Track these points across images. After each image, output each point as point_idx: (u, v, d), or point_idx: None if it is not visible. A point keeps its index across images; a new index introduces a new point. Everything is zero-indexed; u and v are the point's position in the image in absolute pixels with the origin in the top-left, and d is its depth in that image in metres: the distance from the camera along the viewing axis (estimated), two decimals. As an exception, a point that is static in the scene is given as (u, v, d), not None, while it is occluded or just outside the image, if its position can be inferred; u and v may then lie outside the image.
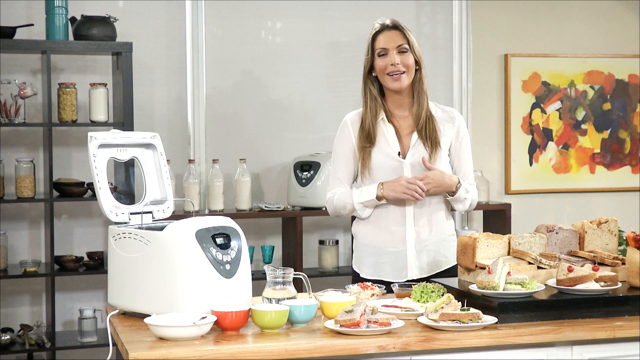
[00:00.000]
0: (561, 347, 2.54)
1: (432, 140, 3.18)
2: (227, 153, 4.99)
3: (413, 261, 3.20)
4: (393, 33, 3.18)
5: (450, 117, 3.26)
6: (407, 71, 3.16)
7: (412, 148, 3.19)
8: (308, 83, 5.17)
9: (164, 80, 4.94)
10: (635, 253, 2.78)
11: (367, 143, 3.19)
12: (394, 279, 3.17)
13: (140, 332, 2.47)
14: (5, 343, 4.45)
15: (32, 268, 4.51)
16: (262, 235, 5.09)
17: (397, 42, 3.16)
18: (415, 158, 3.17)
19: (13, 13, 4.66)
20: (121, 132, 2.86)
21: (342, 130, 3.28)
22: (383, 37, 3.19)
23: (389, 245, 3.22)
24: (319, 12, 5.16)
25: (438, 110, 3.26)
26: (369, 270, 3.26)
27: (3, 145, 4.65)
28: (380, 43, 3.18)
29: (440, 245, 3.23)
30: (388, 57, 3.16)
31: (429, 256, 3.21)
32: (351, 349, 2.38)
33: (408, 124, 3.23)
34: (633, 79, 5.71)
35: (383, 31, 3.20)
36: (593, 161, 5.67)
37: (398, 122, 3.23)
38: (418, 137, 3.19)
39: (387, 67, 3.15)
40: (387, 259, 3.22)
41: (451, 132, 3.24)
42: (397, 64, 3.14)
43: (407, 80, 3.17)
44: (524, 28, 5.54)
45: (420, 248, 3.20)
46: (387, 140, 3.19)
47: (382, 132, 3.20)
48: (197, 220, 2.60)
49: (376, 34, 3.21)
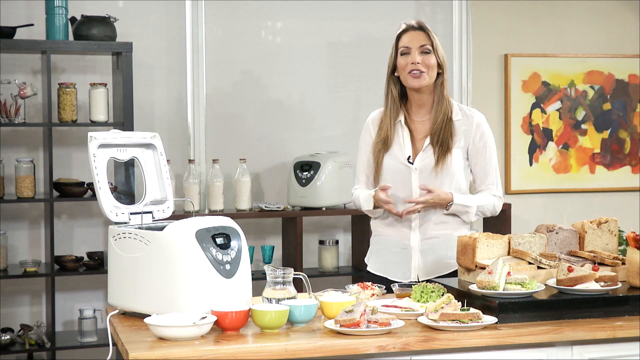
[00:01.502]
0: (561, 347, 2.54)
1: (442, 146, 3.17)
2: (227, 153, 4.99)
3: (417, 262, 3.21)
4: (417, 33, 3.21)
5: (469, 121, 3.24)
6: (428, 71, 3.18)
7: (422, 153, 3.20)
8: (308, 83, 5.17)
9: (164, 80, 4.94)
10: (635, 253, 2.78)
11: (381, 146, 3.22)
12: (397, 278, 3.19)
13: (140, 332, 2.47)
14: (5, 343, 4.45)
15: (32, 268, 4.51)
16: (262, 235, 5.09)
17: (421, 42, 3.19)
18: (424, 164, 3.19)
19: (13, 13, 4.66)
20: (121, 132, 2.86)
21: (364, 130, 3.34)
22: (407, 36, 3.21)
23: (395, 245, 3.24)
24: (319, 12, 5.16)
25: (459, 114, 3.25)
26: (375, 264, 3.31)
27: (3, 145, 4.65)
28: (404, 42, 3.21)
29: (448, 246, 3.20)
30: (410, 55, 3.18)
31: (435, 257, 3.21)
32: (351, 349, 2.38)
33: (424, 128, 3.24)
34: (633, 79, 5.71)
35: (408, 31, 3.23)
36: (593, 161, 5.67)
37: (415, 126, 3.25)
38: (429, 142, 3.20)
39: (407, 65, 3.18)
40: (393, 258, 3.25)
41: (468, 136, 3.23)
42: (418, 63, 3.16)
43: (428, 79, 3.19)
44: (524, 28, 5.54)
45: (425, 249, 3.21)
46: (401, 143, 3.22)
47: (398, 134, 3.23)
48: (197, 220, 2.60)
49: (401, 34, 3.24)
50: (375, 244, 3.34)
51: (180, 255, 2.52)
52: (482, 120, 3.26)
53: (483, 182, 3.26)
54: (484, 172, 3.25)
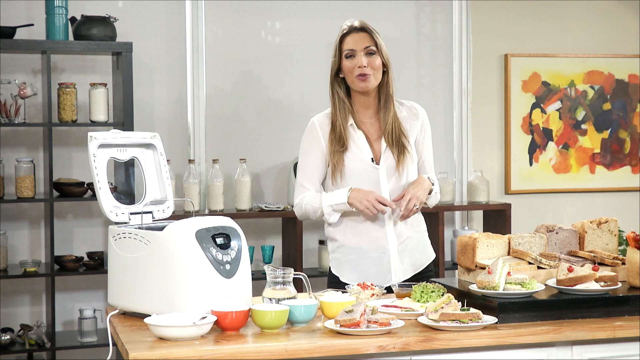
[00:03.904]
0: (561, 347, 2.54)
1: (398, 146, 3.16)
2: (227, 153, 4.99)
3: (397, 264, 3.18)
4: (361, 35, 3.16)
5: (413, 113, 3.26)
6: (374, 73, 3.14)
7: (384, 154, 3.18)
8: (308, 83, 5.17)
9: (164, 80, 4.95)
10: (635, 253, 2.78)
11: (339, 147, 3.16)
12: (377, 283, 3.11)
13: (140, 332, 2.47)
14: (5, 343, 4.45)
15: (32, 268, 4.51)
16: (262, 235, 5.09)
17: (365, 44, 3.14)
18: (388, 163, 3.17)
19: (13, 13, 4.66)
20: (121, 132, 2.86)
21: (310, 134, 3.22)
22: (351, 38, 3.16)
23: (371, 251, 3.18)
24: (319, 12, 5.16)
25: (402, 110, 3.24)
26: (350, 274, 3.20)
27: (3, 145, 4.65)
28: (348, 45, 3.15)
29: (419, 242, 3.25)
30: (355, 58, 3.14)
31: (411, 256, 3.21)
32: (351, 349, 2.38)
33: (376, 129, 3.21)
34: (633, 79, 5.71)
35: (351, 33, 3.17)
36: (593, 161, 5.67)
37: (367, 128, 3.21)
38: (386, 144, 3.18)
39: (354, 69, 3.13)
40: (370, 264, 3.19)
41: (416, 128, 3.25)
42: (365, 66, 3.12)
43: (375, 81, 3.15)
44: (524, 28, 5.54)
45: (402, 249, 3.19)
46: (359, 146, 3.17)
47: (353, 138, 3.18)
48: (197, 220, 2.60)
49: (344, 36, 3.18)
50: (345, 253, 3.21)
51: (180, 255, 2.52)
52: (423, 111, 3.29)
53: (427, 171, 3.28)
54: (428, 161, 3.29)
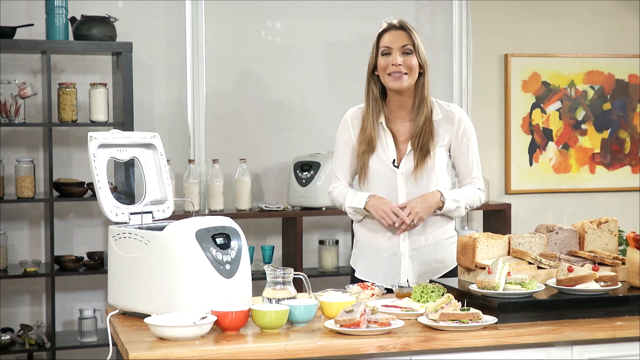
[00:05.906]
0: (561, 347, 2.54)
1: (422, 150, 3.13)
2: (227, 153, 4.99)
3: (407, 269, 3.18)
4: (399, 33, 3.14)
5: (449, 117, 3.20)
6: (409, 72, 3.11)
7: (406, 157, 3.16)
8: (308, 83, 5.17)
9: (164, 80, 4.94)
10: (635, 253, 2.78)
11: (367, 148, 3.16)
12: (386, 284, 3.12)
13: (140, 332, 2.47)
14: (5, 343, 4.45)
15: (32, 268, 4.51)
16: (262, 235, 5.09)
17: (402, 43, 3.12)
18: (408, 167, 3.15)
19: (13, 13, 4.66)
20: (121, 132, 2.86)
21: (343, 127, 3.26)
22: (388, 36, 3.14)
23: (384, 251, 3.20)
24: (319, 12, 5.16)
25: (440, 113, 3.20)
26: (364, 270, 3.25)
27: (3, 145, 4.65)
28: (385, 42, 3.14)
29: (437, 250, 3.20)
30: (391, 56, 3.12)
31: (424, 263, 3.18)
32: (351, 349, 2.38)
33: (406, 130, 3.19)
34: (633, 79, 5.71)
35: (389, 30, 3.15)
36: (593, 161, 5.67)
37: (397, 128, 3.20)
38: (411, 147, 3.16)
39: (388, 67, 3.11)
40: (382, 264, 3.21)
41: (449, 133, 3.19)
42: (399, 65, 3.10)
43: (409, 81, 3.12)
44: (524, 28, 5.54)
45: (415, 255, 3.18)
46: (385, 147, 3.17)
47: (381, 137, 3.18)
48: (197, 220, 2.60)
49: (382, 33, 3.16)
50: (362, 249, 3.27)
51: (180, 255, 2.52)
52: (463, 115, 3.22)
53: (467, 177, 3.23)
54: (468, 167, 3.22)
